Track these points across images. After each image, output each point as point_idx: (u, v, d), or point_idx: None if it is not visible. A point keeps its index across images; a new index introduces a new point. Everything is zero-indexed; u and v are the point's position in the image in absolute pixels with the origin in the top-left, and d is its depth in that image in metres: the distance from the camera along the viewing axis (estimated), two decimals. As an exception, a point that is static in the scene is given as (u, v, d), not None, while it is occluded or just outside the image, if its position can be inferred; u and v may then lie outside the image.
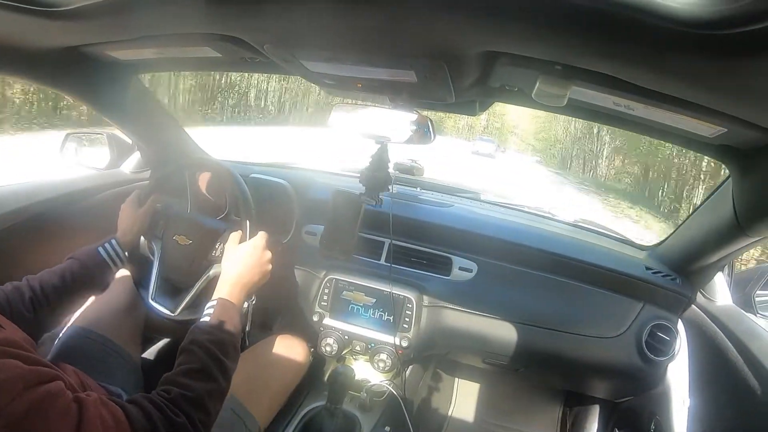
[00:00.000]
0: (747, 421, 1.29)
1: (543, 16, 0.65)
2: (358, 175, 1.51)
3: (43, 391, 0.71)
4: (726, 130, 0.95)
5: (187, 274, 1.55)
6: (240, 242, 1.42)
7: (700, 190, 26.11)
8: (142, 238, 1.59)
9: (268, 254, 1.42)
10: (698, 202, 1.22)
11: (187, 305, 1.51)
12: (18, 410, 0.67)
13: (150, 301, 1.54)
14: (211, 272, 1.50)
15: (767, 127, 0.88)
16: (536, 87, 0.90)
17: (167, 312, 1.52)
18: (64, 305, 1.29)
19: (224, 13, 0.91)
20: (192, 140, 2.07)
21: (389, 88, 1.20)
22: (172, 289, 1.59)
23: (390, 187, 1.53)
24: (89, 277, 1.34)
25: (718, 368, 1.45)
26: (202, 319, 1.17)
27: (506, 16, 0.68)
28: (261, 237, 1.43)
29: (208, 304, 1.22)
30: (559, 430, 2.40)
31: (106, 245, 1.42)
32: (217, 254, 1.53)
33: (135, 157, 1.99)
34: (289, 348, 1.69)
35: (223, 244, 1.49)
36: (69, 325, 1.48)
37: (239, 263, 1.34)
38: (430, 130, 1.27)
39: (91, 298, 1.54)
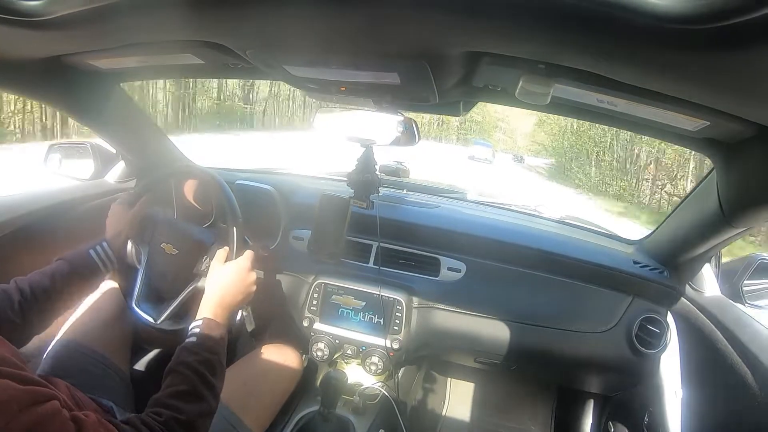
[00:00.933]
0: (739, 409, 1.30)
1: (525, 16, 0.65)
2: (345, 178, 1.51)
3: (39, 411, 0.71)
4: (709, 123, 0.96)
5: (172, 284, 1.54)
6: (226, 260, 1.41)
7: None
8: (129, 243, 1.58)
9: (253, 275, 1.42)
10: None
11: (170, 315, 1.49)
12: None
13: (133, 306, 1.53)
14: (196, 285, 1.49)
15: (750, 120, 0.88)
16: (519, 86, 0.90)
17: (149, 319, 1.50)
18: (53, 307, 1.27)
19: (206, 19, 0.90)
20: (176, 148, 2.06)
21: (373, 90, 1.20)
22: (156, 297, 1.57)
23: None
24: (79, 278, 1.32)
25: (709, 358, 1.46)
26: (188, 339, 1.18)
27: (488, 16, 0.68)
28: (246, 258, 1.42)
29: (193, 324, 1.22)
30: (553, 426, 2.41)
31: (97, 247, 1.40)
32: (202, 268, 1.51)
33: (120, 167, 1.97)
34: (281, 356, 1.69)
35: (210, 259, 1.48)
36: (57, 338, 1.48)
37: (223, 284, 1.34)
38: (415, 131, 1.27)
39: (79, 310, 1.54)
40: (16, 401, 0.68)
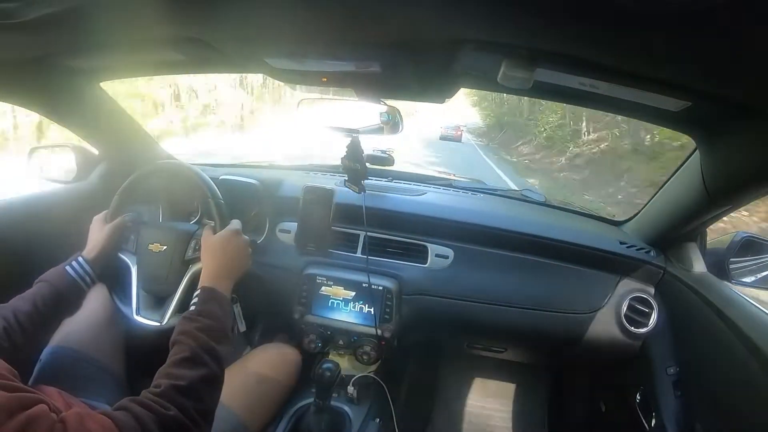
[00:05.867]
0: (730, 383, 1.32)
1: (505, 1, 0.65)
2: (329, 170, 1.51)
3: (26, 416, 0.70)
4: (691, 103, 0.97)
5: (168, 281, 1.52)
6: (215, 233, 1.40)
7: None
8: (119, 254, 1.56)
9: (245, 239, 1.41)
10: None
11: (174, 311, 1.48)
12: None
13: (135, 317, 1.51)
14: (192, 272, 1.48)
15: (731, 99, 0.89)
16: (501, 71, 0.90)
17: (155, 323, 1.49)
18: (39, 332, 1.24)
19: (185, 14, 0.90)
20: (159, 146, 2.04)
21: (354, 80, 1.20)
22: (156, 300, 1.56)
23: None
24: (61, 299, 1.30)
25: (699, 335, 1.48)
26: (188, 310, 1.16)
27: (468, 2, 0.68)
28: (236, 223, 1.42)
29: (194, 294, 1.21)
30: (546, 408, 2.42)
31: (74, 264, 1.37)
32: (192, 254, 1.51)
33: (103, 168, 1.95)
34: (280, 355, 1.69)
35: (198, 241, 1.47)
36: (50, 345, 1.45)
37: (219, 252, 1.33)
38: (399, 119, 1.27)
39: None
40: (4, 409, 0.68)
